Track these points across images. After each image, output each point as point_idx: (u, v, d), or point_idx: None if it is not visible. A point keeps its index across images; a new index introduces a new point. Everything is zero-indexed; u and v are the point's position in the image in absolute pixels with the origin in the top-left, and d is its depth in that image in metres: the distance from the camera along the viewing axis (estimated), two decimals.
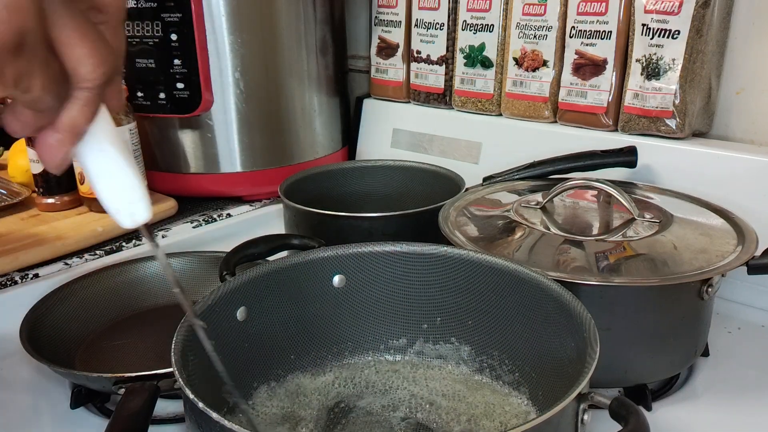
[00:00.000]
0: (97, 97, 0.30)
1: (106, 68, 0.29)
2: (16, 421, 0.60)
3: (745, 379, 0.64)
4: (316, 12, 1.03)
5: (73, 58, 0.28)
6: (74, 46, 0.28)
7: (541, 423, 0.37)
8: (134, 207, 0.33)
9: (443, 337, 0.59)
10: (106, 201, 0.32)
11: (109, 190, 0.32)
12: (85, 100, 0.29)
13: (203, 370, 0.46)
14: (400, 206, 0.80)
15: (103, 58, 0.29)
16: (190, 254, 0.79)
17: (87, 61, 0.28)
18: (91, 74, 0.29)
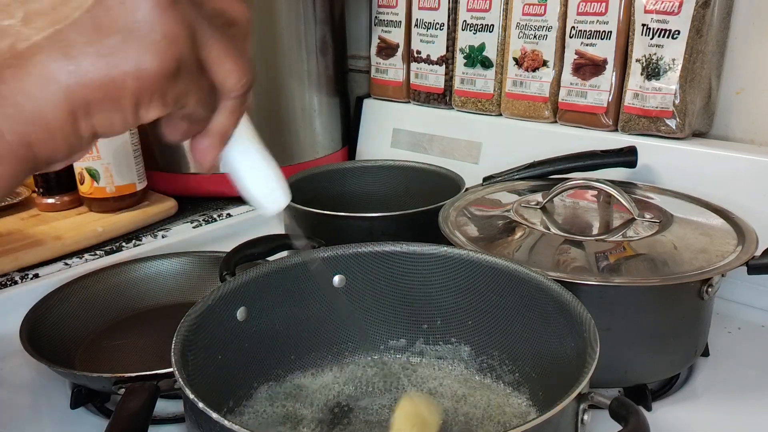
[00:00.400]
0: (242, 104, 0.33)
1: (248, 78, 0.32)
2: (16, 421, 0.60)
3: (745, 379, 0.64)
4: (316, 12, 1.03)
5: (221, 73, 0.31)
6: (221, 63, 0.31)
7: (541, 423, 0.37)
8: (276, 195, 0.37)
9: (443, 337, 0.59)
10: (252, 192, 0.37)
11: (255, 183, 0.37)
12: (232, 108, 0.33)
13: (203, 370, 0.46)
14: (400, 206, 0.80)
15: (245, 70, 0.32)
16: (190, 254, 0.79)
17: (232, 75, 0.31)
18: (237, 85, 0.32)
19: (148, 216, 0.94)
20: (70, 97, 0.28)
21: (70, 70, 0.27)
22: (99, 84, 0.28)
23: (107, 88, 0.28)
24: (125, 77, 0.28)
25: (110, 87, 0.28)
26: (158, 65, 0.28)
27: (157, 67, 0.28)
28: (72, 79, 0.27)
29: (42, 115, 0.28)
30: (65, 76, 0.27)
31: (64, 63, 0.27)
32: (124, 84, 0.28)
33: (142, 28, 0.28)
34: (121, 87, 0.28)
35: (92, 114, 0.28)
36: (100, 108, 0.28)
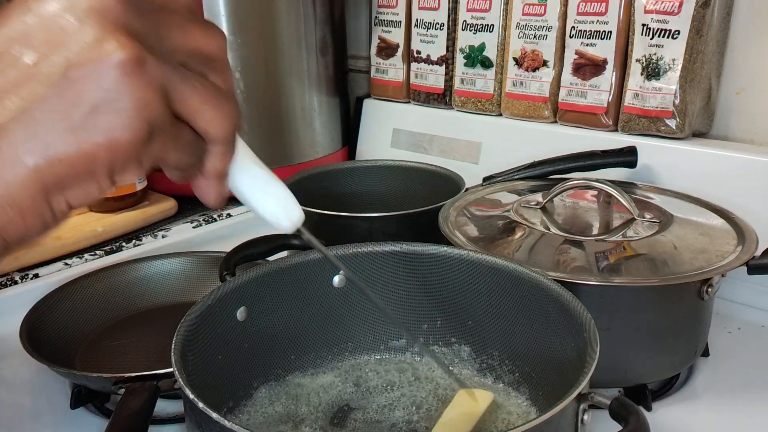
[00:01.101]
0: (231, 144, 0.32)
1: (232, 122, 0.31)
2: (16, 421, 0.60)
3: (745, 379, 0.64)
4: (316, 12, 1.03)
5: (202, 123, 0.30)
6: (201, 113, 0.30)
7: (541, 423, 0.37)
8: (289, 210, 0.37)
9: (443, 337, 0.59)
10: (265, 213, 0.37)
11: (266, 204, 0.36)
12: (222, 151, 0.32)
13: (203, 370, 0.46)
14: (400, 206, 0.80)
15: (228, 114, 0.31)
16: (190, 254, 0.79)
17: (214, 123, 0.30)
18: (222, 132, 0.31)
19: (148, 216, 0.94)
20: (41, 177, 0.27)
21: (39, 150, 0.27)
22: (70, 160, 0.27)
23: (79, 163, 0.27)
24: (97, 150, 0.27)
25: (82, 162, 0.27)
26: (129, 134, 0.27)
27: (128, 135, 0.27)
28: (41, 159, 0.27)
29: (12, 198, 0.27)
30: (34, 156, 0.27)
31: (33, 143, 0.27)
32: (96, 157, 0.27)
33: (109, 97, 0.27)
34: (93, 161, 0.27)
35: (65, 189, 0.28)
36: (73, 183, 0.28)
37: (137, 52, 0.27)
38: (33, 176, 0.27)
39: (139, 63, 0.27)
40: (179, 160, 0.31)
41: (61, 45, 0.27)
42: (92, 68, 0.27)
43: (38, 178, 0.27)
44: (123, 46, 0.27)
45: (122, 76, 0.27)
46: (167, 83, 0.28)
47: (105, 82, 0.27)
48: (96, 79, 0.27)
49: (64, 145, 0.27)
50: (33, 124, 0.27)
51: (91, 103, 0.27)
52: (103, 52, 0.27)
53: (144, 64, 0.27)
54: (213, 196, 0.34)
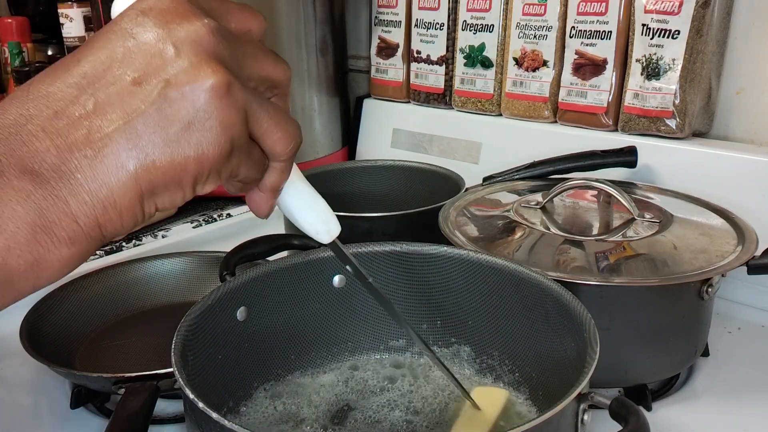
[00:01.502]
0: (291, 162, 0.36)
1: (296, 142, 0.35)
2: (16, 421, 0.60)
3: (745, 379, 0.64)
4: (316, 12, 1.03)
5: (270, 142, 0.34)
6: (271, 134, 0.34)
7: (541, 423, 0.37)
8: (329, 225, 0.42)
9: (443, 337, 0.59)
10: (308, 227, 0.41)
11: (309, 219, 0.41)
12: (282, 168, 0.36)
13: (203, 370, 0.46)
14: (400, 206, 0.80)
15: (293, 135, 0.35)
16: (190, 254, 0.79)
17: (281, 143, 0.34)
18: (286, 151, 0.35)
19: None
20: (139, 183, 0.31)
21: (139, 159, 0.30)
22: (164, 170, 0.31)
23: (171, 173, 0.31)
24: (187, 162, 0.31)
25: (174, 172, 0.31)
26: (215, 149, 0.31)
27: (213, 151, 0.31)
28: (140, 167, 0.30)
29: (113, 199, 0.30)
30: (135, 164, 0.30)
31: (134, 152, 0.30)
32: (185, 168, 0.31)
33: (201, 117, 0.31)
34: (183, 171, 0.31)
35: (157, 195, 0.32)
36: (164, 189, 0.31)
37: (226, 77, 0.31)
38: (132, 182, 0.30)
39: (227, 87, 0.31)
40: (248, 174, 0.34)
41: (161, 68, 0.30)
42: (188, 90, 0.30)
43: (136, 184, 0.31)
44: (215, 72, 0.30)
45: (213, 98, 0.30)
46: (247, 106, 0.32)
47: (199, 103, 0.30)
48: (191, 100, 0.30)
49: (161, 155, 0.31)
50: (135, 135, 0.30)
51: (185, 120, 0.31)
52: (198, 77, 0.30)
53: (231, 88, 0.31)
54: (266, 208, 0.38)
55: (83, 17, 1.27)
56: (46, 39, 1.43)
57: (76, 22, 1.27)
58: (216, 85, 0.30)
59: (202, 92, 0.30)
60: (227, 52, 0.32)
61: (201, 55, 0.31)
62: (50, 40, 1.42)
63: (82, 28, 1.28)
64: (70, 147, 0.30)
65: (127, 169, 0.30)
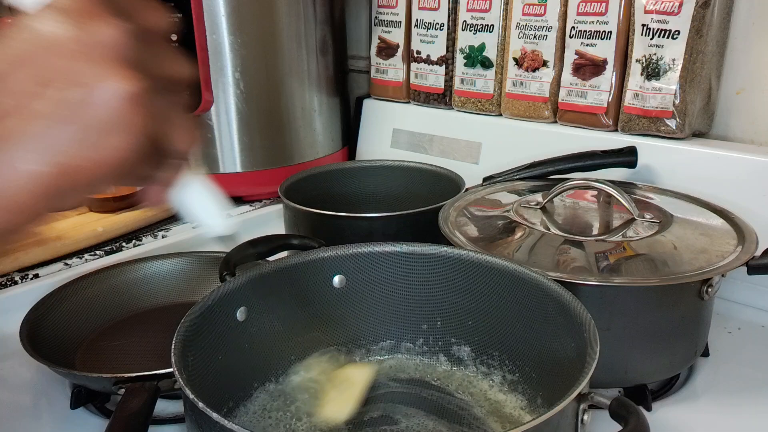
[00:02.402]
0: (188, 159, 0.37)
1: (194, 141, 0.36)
2: (16, 421, 0.60)
3: (745, 379, 0.64)
4: (316, 12, 1.03)
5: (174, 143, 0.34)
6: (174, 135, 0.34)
7: (541, 423, 0.37)
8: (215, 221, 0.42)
9: (443, 337, 0.59)
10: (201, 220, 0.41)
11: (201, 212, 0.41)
12: (178, 165, 0.36)
13: (203, 370, 0.46)
14: (400, 206, 0.80)
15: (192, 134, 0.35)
16: (190, 254, 0.79)
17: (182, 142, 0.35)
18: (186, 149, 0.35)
19: (148, 216, 0.94)
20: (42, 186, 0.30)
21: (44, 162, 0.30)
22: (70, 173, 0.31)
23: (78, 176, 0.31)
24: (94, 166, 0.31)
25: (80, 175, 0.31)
26: (123, 154, 0.31)
27: (122, 155, 0.31)
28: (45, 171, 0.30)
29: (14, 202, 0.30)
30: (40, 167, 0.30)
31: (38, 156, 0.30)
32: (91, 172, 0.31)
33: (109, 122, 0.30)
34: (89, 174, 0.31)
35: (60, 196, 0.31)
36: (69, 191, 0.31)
37: (138, 83, 0.31)
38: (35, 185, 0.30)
39: (140, 94, 0.31)
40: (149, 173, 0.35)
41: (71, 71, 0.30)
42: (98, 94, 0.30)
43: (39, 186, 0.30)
44: (126, 78, 0.30)
45: (123, 104, 0.30)
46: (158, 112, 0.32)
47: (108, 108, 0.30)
48: (101, 105, 0.30)
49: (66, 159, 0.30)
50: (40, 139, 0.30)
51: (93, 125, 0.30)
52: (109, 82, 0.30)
53: (141, 94, 0.31)
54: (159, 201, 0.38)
55: None
56: None
57: None
58: (129, 90, 0.30)
59: (115, 98, 0.30)
60: (139, 55, 0.31)
61: (113, 60, 0.30)
62: None
63: None
64: None
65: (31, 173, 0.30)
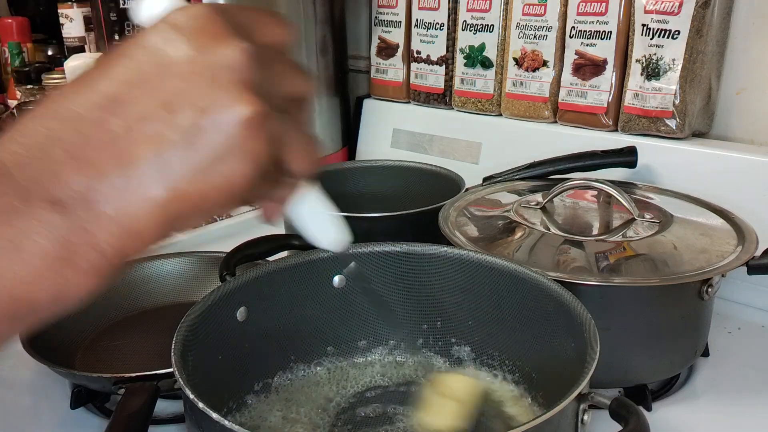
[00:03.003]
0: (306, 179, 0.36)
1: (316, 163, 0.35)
2: (16, 421, 0.60)
3: (745, 379, 0.64)
4: (316, 12, 1.03)
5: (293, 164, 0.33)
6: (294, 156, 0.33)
7: (541, 423, 0.37)
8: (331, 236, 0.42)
9: (443, 337, 0.59)
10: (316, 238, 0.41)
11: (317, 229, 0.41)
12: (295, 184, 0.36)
13: (203, 370, 0.46)
14: (400, 206, 0.80)
15: (314, 157, 0.34)
16: (190, 254, 0.79)
17: (303, 164, 0.34)
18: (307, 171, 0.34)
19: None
20: (165, 212, 0.30)
21: (167, 189, 0.29)
22: (191, 200, 0.30)
23: (197, 202, 0.30)
24: (214, 192, 0.30)
25: (200, 201, 0.30)
26: (243, 179, 0.30)
27: (241, 181, 0.30)
28: (168, 197, 0.30)
29: (139, 229, 0.30)
30: (162, 194, 0.29)
31: (162, 183, 0.29)
32: (212, 197, 0.30)
33: (231, 148, 0.30)
34: (209, 200, 0.30)
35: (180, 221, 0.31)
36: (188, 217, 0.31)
37: (260, 108, 0.30)
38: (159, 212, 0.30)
39: (261, 119, 0.30)
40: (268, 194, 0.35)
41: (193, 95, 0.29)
42: (221, 120, 0.29)
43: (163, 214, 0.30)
44: (249, 103, 0.29)
45: (245, 130, 0.29)
46: (277, 136, 0.31)
47: (231, 134, 0.29)
48: (223, 130, 0.29)
49: (189, 185, 0.30)
50: (163, 165, 0.29)
51: (216, 151, 0.29)
52: (231, 107, 0.29)
53: (264, 120, 0.30)
54: (275, 217, 0.38)
55: (83, 17, 1.27)
56: (46, 39, 1.43)
57: (76, 22, 1.27)
58: (250, 117, 0.29)
59: (236, 124, 0.29)
60: (261, 77, 0.30)
61: (236, 83, 0.29)
62: (50, 40, 1.42)
63: (82, 28, 1.28)
64: (98, 175, 0.29)
65: (156, 200, 0.29)
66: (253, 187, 0.31)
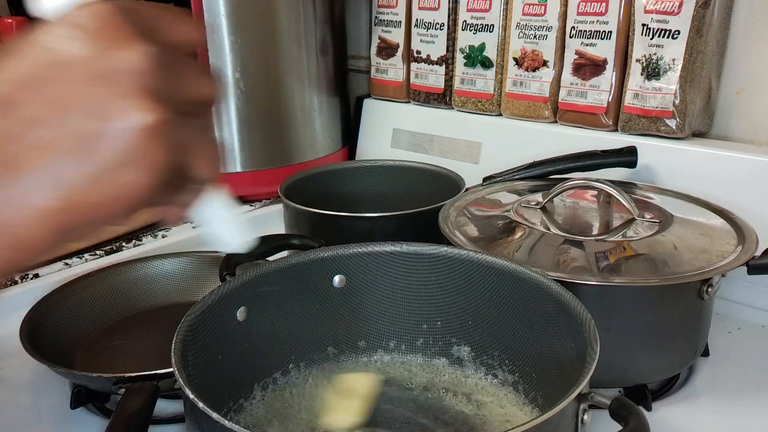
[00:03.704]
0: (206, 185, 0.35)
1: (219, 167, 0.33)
2: (16, 421, 0.60)
3: (745, 379, 0.64)
4: (316, 12, 1.03)
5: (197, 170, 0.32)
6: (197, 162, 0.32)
7: (541, 423, 0.37)
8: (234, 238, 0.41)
9: (443, 337, 0.59)
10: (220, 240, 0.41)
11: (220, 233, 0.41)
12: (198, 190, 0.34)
13: (203, 370, 0.46)
14: (400, 206, 0.80)
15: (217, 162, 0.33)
16: (190, 254, 0.79)
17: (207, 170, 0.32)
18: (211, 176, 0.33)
19: (148, 216, 0.94)
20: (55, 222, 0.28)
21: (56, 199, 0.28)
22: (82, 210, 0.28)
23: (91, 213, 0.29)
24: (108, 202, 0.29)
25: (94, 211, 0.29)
26: (140, 189, 0.29)
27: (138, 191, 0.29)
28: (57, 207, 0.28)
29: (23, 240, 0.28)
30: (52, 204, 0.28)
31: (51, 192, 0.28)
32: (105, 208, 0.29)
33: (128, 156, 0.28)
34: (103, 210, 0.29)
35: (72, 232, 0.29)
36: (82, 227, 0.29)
37: (161, 116, 0.28)
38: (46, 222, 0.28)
39: (161, 127, 0.28)
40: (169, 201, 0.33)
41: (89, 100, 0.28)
42: (118, 127, 0.28)
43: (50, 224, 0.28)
44: (149, 111, 0.28)
45: (144, 138, 0.28)
46: (179, 143, 0.30)
47: (128, 142, 0.28)
48: (120, 138, 0.28)
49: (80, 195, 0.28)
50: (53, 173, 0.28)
51: (111, 160, 0.28)
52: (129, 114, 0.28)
53: (164, 128, 0.28)
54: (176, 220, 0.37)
55: None
56: None
57: None
58: (149, 125, 0.28)
59: (134, 132, 0.28)
60: (164, 83, 0.29)
61: (135, 89, 0.28)
62: None
63: None
64: None
65: (44, 209, 0.28)
66: (153, 195, 0.30)
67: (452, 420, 0.53)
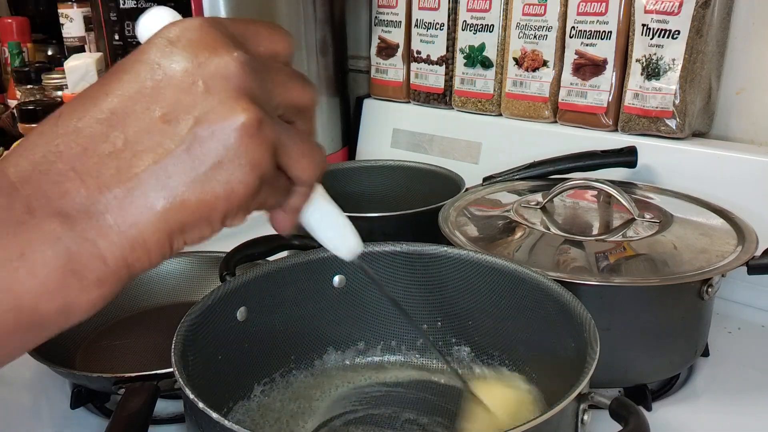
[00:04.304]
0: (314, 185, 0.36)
1: (321, 168, 0.35)
2: (16, 421, 0.60)
3: (745, 379, 0.64)
4: (316, 12, 1.03)
5: (297, 171, 0.34)
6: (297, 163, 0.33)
7: (541, 423, 0.37)
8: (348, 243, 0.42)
9: (443, 337, 0.59)
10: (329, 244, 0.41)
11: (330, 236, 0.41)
12: (305, 192, 0.36)
13: (203, 370, 0.46)
14: (400, 206, 0.80)
15: (318, 162, 0.34)
16: (190, 254, 0.79)
17: (308, 171, 0.34)
18: (311, 178, 0.35)
19: None
20: (168, 222, 0.30)
21: (168, 198, 0.30)
22: (193, 209, 0.31)
23: (200, 212, 0.31)
24: (216, 201, 0.31)
25: (203, 210, 0.31)
26: (244, 187, 0.31)
27: (243, 189, 0.31)
28: (170, 207, 0.30)
29: (143, 239, 0.30)
30: (164, 203, 0.30)
31: (163, 192, 0.30)
32: (215, 207, 0.31)
33: (230, 156, 0.30)
34: (212, 209, 0.31)
35: (185, 232, 0.31)
36: (193, 227, 0.31)
37: (256, 115, 0.30)
38: (161, 221, 0.30)
39: (258, 125, 0.30)
40: (274, 203, 0.35)
41: (190, 105, 0.30)
42: (218, 129, 0.30)
43: (165, 223, 0.30)
44: (245, 110, 0.30)
45: (243, 137, 0.30)
46: (277, 141, 0.32)
47: (228, 142, 0.30)
48: (221, 139, 0.30)
49: (190, 195, 0.30)
50: (164, 175, 0.30)
51: (215, 159, 0.30)
52: (228, 115, 0.30)
53: (261, 126, 0.30)
54: (287, 227, 0.37)
55: (83, 17, 1.27)
56: (46, 39, 1.43)
57: (76, 22, 1.27)
58: (246, 123, 0.30)
59: (232, 131, 0.30)
60: (257, 85, 0.31)
61: (231, 92, 0.30)
62: (50, 40, 1.42)
63: (82, 28, 1.28)
64: (100, 187, 0.29)
65: (156, 209, 0.30)
66: (256, 194, 0.32)
67: (450, 419, 0.53)
